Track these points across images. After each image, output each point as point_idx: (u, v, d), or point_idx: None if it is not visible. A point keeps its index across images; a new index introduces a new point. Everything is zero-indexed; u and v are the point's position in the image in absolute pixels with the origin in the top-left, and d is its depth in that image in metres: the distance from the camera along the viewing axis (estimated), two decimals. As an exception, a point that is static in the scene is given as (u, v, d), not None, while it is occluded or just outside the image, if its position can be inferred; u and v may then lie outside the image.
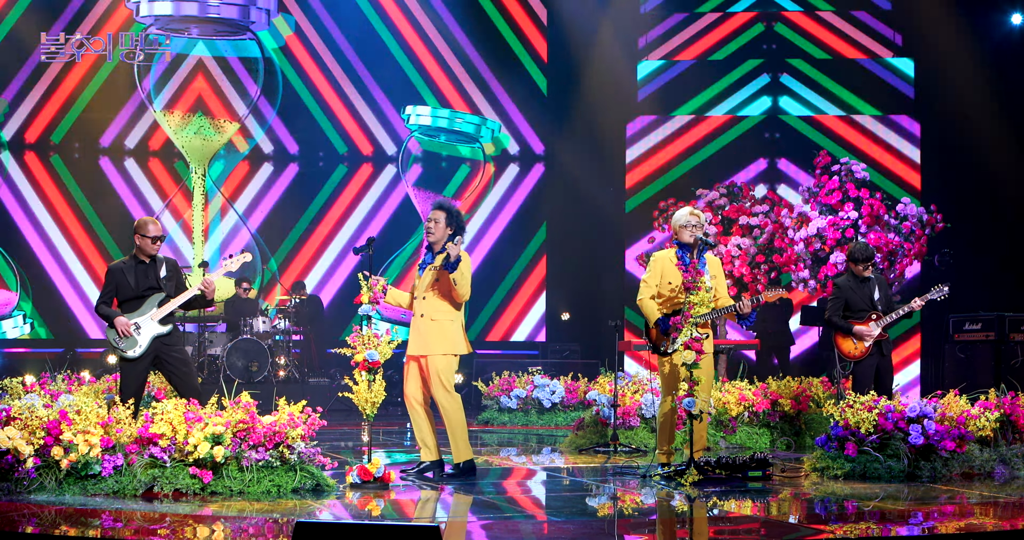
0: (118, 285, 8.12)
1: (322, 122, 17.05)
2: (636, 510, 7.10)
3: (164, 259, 8.27)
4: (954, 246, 13.54)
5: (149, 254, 8.13)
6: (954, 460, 7.89)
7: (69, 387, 10.44)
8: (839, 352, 9.26)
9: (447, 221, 7.77)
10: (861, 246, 9.32)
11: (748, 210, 13.38)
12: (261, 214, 17.05)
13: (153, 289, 8.12)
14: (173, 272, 8.25)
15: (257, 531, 5.96)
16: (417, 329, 7.72)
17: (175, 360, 8.08)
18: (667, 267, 7.86)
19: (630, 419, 10.16)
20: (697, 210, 8.03)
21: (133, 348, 7.97)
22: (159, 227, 8.25)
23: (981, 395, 8.44)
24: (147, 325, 8.00)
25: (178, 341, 8.21)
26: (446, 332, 7.67)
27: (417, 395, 7.75)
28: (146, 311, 8.03)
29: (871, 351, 9.07)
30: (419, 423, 7.82)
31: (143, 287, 8.10)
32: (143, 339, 7.98)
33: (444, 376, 7.66)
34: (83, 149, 16.74)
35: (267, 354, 14.21)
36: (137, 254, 8.15)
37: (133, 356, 7.97)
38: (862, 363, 9.11)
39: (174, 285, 8.21)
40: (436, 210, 7.84)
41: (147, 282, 8.11)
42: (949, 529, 6.08)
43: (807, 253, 12.59)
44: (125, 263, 8.22)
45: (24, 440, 6.77)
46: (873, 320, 9.09)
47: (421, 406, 7.78)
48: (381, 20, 17.02)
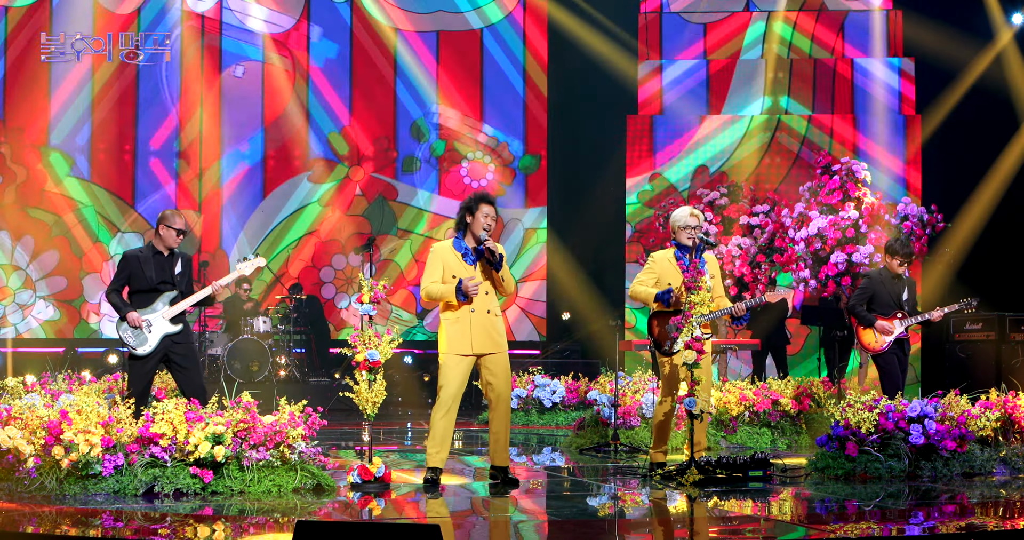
0: (132, 274, 7.99)
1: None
2: (636, 510, 7.10)
3: (180, 253, 8.16)
4: (954, 246, 13.55)
5: (169, 247, 8.05)
6: (955, 460, 7.90)
7: (70, 387, 10.45)
8: (859, 343, 9.24)
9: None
10: (903, 241, 9.22)
11: (748, 210, 13.39)
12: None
13: (167, 284, 8.02)
14: (187, 268, 8.14)
15: (258, 531, 5.96)
16: (483, 326, 7.36)
17: (182, 358, 8.02)
18: (665, 268, 7.83)
19: (630, 419, 10.16)
20: (697, 211, 7.96)
21: (143, 346, 7.91)
22: (184, 220, 8.15)
23: (982, 395, 8.44)
24: (158, 323, 7.94)
25: (188, 339, 8.12)
26: (503, 328, 7.58)
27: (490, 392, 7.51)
28: (158, 308, 7.96)
29: (891, 347, 9.05)
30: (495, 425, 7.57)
31: (158, 280, 7.98)
32: (153, 337, 7.92)
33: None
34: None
35: (267, 354, 14.21)
36: (156, 244, 8.04)
37: (142, 354, 7.93)
38: (884, 356, 9.08)
39: (186, 281, 8.11)
40: (494, 206, 7.39)
41: (162, 276, 8.00)
42: (949, 529, 6.08)
43: (807, 253, 12.59)
44: (142, 252, 8.10)
45: (25, 440, 6.78)
46: (898, 318, 9.06)
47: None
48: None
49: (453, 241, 7.43)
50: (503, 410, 7.46)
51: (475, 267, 7.35)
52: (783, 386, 10.69)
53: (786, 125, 16.19)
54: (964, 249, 14.12)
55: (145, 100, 16.82)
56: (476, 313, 7.33)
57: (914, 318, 9.08)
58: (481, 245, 7.32)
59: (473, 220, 7.33)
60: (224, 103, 16.90)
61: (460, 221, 7.42)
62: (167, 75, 16.86)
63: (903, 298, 9.10)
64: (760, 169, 16.06)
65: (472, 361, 7.44)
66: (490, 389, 7.46)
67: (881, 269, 9.32)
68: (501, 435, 7.49)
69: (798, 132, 16.13)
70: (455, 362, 7.37)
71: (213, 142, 16.86)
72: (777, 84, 16.29)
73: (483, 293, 7.36)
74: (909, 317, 9.08)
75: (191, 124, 16.86)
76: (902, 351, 9.16)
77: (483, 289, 7.36)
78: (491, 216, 7.31)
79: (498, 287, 7.42)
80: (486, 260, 7.35)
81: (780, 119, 16.18)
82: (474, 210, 7.32)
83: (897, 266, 9.10)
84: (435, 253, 7.42)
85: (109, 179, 16.80)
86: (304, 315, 15.38)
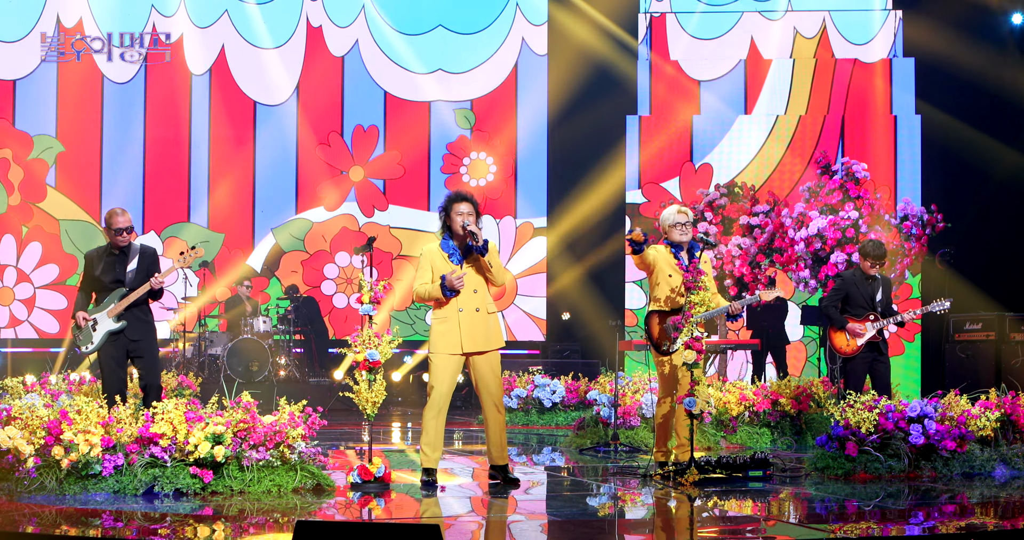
0: (88, 273, 8.15)
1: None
2: (636, 510, 7.10)
3: (139, 248, 8.13)
4: (954, 246, 13.55)
5: (118, 246, 8.07)
6: (955, 460, 7.89)
7: (69, 387, 10.46)
8: (831, 346, 9.24)
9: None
10: (875, 243, 9.23)
11: (748, 210, 13.38)
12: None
13: (118, 282, 8.06)
14: (144, 263, 8.11)
15: (258, 531, 5.96)
16: (472, 325, 7.34)
17: (140, 357, 8.14)
18: (662, 257, 7.79)
19: (630, 419, 10.16)
20: (685, 208, 7.94)
21: (86, 344, 8.09)
22: (126, 218, 8.08)
23: (982, 395, 8.44)
24: (103, 321, 8.05)
25: (144, 335, 8.14)
26: (499, 326, 7.56)
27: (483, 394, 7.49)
28: (106, 306, 8.05)
29: (864, 350, 9.04)
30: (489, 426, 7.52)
31: (108, 279, 8.06)
32: (96, 335, 8.04)
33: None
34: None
35: (267, 354, 14.21)
36: (113, 243, 8.11)
37: (86, 351, 8.10)
38: (854, 361, 9.08)
39: (143, 277, 8.07)
40: (469, 203, 7.41)
41: (112, 275, 8.07)
42: (949, 529, 6.08)
43: (807, 253, 12.59)
44: (98, 251, 8.19)
45: (24, 440, 6.78)
46: (871, 320, 9.05)
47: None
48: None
49: (440, 242, 7.50)
50: (497, 409, 7.46)
51: (460, 266, 7.39)
52: (783, 386, 10.69)
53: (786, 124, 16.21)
54: (964, 249, 14.12)
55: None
56: (465, 312, 7.35)
57: (887, 320, 9.06)
58: (469, 241, 7.36)
59: (450, 220, 7.44)
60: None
61: (442, 223, 7.53)
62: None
63: (876, 298, 9.11)
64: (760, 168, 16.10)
65: (462, 360, 7.45)
66: (481, 388, 7.46)
67: (855, 270, 9.34)
68: (497, 434, 7.49)
69: (798, 131, 16.15)
70: (445, 361, 7.38)
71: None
72: (778, 83, 16.31)
73: (472, 291, 7.38)
74: (882, 318, 9.07)
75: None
76: (879, 353, 9.12)
77: (472, 287, 7.39)
78: (464, 212, 7.39)
79: (488, 279, 7.44)
80: (469, 245, 7.37)
81: (782, 118, 16.20)
82: (449, 210, 7.44)
83: (869, 267, 9.14)
84: (424, 256, 7.50)
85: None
86: (302, 315, 15.39)
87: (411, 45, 17.10)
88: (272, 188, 17.09)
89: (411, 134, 17.09)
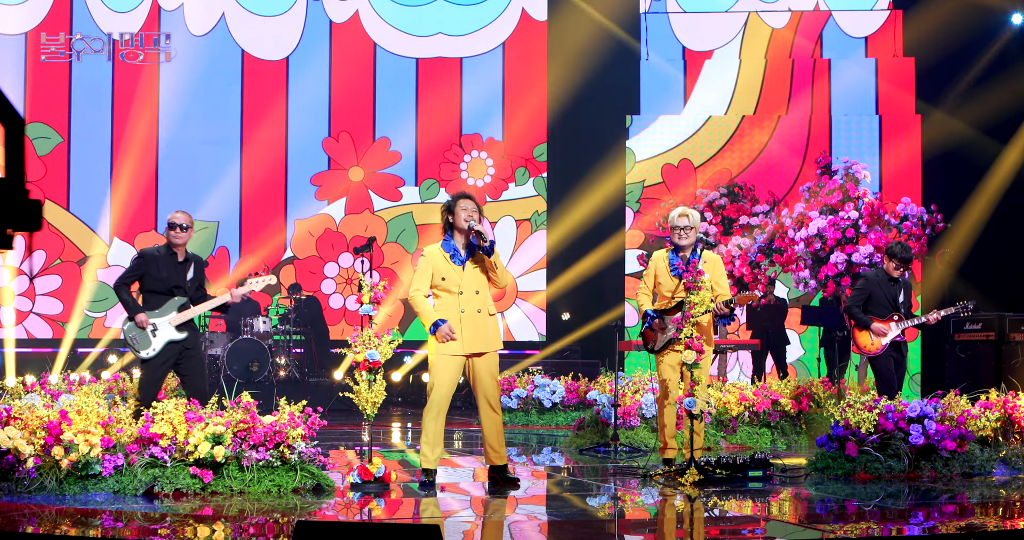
0: (146, 274, 7.98)
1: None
2: (636, 510, 7.10)
3: (194, 258, 8.14)
4: (954, 246, 13.55)
5: (176, 245, 7.99)
6: (955, 460, 7.89)
7: (69, 387, 10.46)
8: (855, 345, 9.27)
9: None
10: (903, 246, 9.26)
11: (748, 210, 13.38)
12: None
13: (179, 288, 8.01)
14: (198, 273, 8.12)
15: (258, 531, 5.96)
16: (473, 325, 7.32)
17: (189, 364, 8.04)
18: (659, 267, 7.90)
19: (630, 419, 10.16)
20: (688, 210, 7.97)
21: (146, 349, 7.93)
22: (184, 216, 8.05)
23: (982, 395, 8.44)
24: (164, 329, 7.93)
25: (196, 344, 8.14)
26: (498, 328, 7.54)
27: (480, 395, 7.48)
28: (166, 313, 7.95)
29: (887, 349, 9.10)
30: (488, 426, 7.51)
31: (171, 284, 7.97)
32: (157, 342, 7.92)
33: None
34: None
35: (267, 354, 14.21)
36: (170, 245, 8.04)
37: (144, 357, 7.95)
38: (879, 359, 9.15)
39: (195, 286, 8.09)
40: (472, 201, 7.41)
41: (176, 280, 7.99)
42: (949, 529, 6.07)
43: (807, 253, 12.59)
44: (159, 252, 8.06)
45: (24, 440, 6.77)
46: (894, 321, 9.10)
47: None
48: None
49: (442, 243, 7.46)
50: (494, 409, 7.46)
51: (463, 268, 7.37)
52: (783, 386, 10.70)
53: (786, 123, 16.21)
54: (964, 249, 14.12)
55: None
56: (467, 313, 7.34)
57: (910, 321, 9.12)
58: (474, 239, 7.34)
59: (455, 218, 7.39)
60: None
61: (444, 223, 7.48)
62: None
63: (899, 300, 9.16)
64: (761, 168, 16.08)
65: (462, 361, 7.43)
66: (478, 388, 7.45)
67: (878, 270, 9.36)
68: (494, 434, 7.48)
69: (798, 130, 16.15)
70: (445, 362, 7.36)
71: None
72: (778, 83, 16.30)
73: (474, 292, 7.37)
74: (905, 319, 9.11)
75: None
76: (899, 353, 9.20)
77: (474, 288, 7.37)
78: (469, 209, 7.36)
79: (491, 278, 7.42)
80: (476, 245, 7.35)
81: (780, 118, 16.20)
82: (453, 208, 7.39)
83: (894, 269, 9.16)
84: (425, 258, 7.46)
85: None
86: (303, 315, 15.39)
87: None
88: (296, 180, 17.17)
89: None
